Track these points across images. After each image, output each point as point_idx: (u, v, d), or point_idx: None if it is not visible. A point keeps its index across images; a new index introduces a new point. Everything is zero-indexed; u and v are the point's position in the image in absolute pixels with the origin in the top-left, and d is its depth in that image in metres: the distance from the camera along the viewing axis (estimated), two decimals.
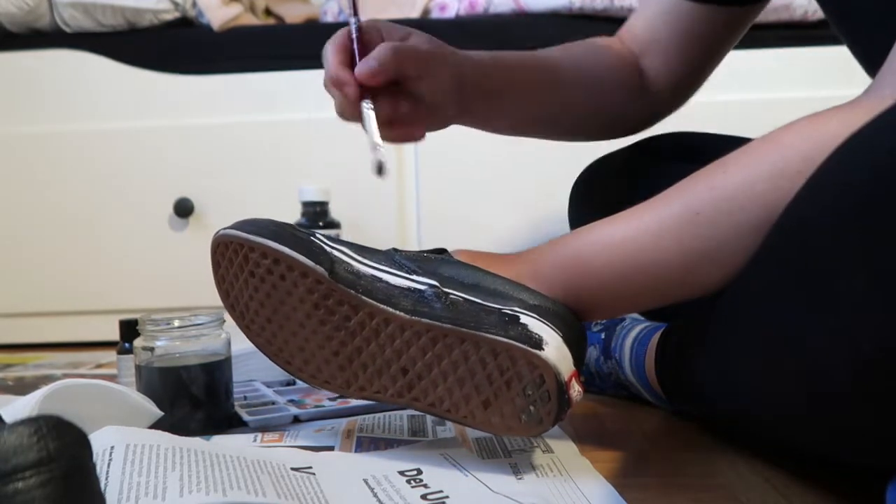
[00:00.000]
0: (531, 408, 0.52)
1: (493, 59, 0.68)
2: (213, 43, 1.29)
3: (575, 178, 0.90)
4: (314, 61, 1.28)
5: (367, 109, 0.60)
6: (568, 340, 0.52)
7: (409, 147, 1.27)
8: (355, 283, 0.54)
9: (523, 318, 0.52)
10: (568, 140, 0.81)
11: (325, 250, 0.55)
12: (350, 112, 0.62)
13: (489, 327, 0.51)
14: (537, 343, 0.51)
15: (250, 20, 1.36)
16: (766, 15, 1.23)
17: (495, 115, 0.70)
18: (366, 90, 0.61)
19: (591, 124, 0.77)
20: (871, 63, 0.58)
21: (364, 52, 0.62)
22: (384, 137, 0.59)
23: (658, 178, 0.59)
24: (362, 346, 0.55)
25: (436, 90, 0.63)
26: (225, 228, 0.57)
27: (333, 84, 0.61)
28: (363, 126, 0.60)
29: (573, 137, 0.80)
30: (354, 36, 0.62)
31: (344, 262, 0.55)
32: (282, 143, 1.28)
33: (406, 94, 0.63)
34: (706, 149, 0.62)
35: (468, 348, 0.52)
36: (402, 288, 0.54)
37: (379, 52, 0.60)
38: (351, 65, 0.61)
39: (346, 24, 0.89)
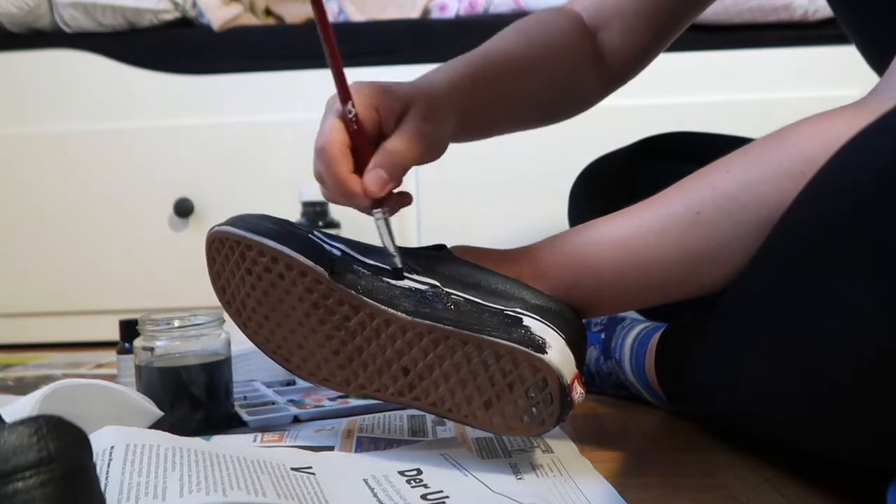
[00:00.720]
0: (533, 409, 0.52)
1: (474, 86, 0.63)
2: (213, 43, 1.29)
3: (575, 178, 0.90)
4: (314, 61, 1.29)
5: (380, 220, 0.55)
6: (570, 342, 0.52)
7: None
8: (355, 283, 0.54)
9: (526, 321, 0.52)
10: (524, 129, 0.76)
11: (324, 249, 0.55)
12: (365, 211, 0.56)
13: (492, 329, 0.51)
14: (540, 346, 0.50)
15: (250, 20, 1.36)
16: (766, 15, 1.24)
17: (475, 137, 0.69)
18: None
19: (546, 112, 0.74)
20: (879, 59, 0.58)
21: (365, 147, 0.54)
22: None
23: (658, 178, 0.59)
24: (363, 345, 0.55)
25: (440, 151, 0.59)
26: (220, 224, 0.56)
27: (343, 198, 0.55)
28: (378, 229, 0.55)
29: (524, 128, 0.76)
30: (351, 130, 0.54)
31: (344, 260, 0.55)
32: (282, 143, 1.28)
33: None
34: (706, 149, 0.62)
35: (470, 350, 0.52)
36: (403, 288, 0.54)
37: (385, 159, 0.54)
38: (356, 166, 0.54)
39: (345, 24, 0.89)
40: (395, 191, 0.57)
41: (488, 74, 0.65)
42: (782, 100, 1.22)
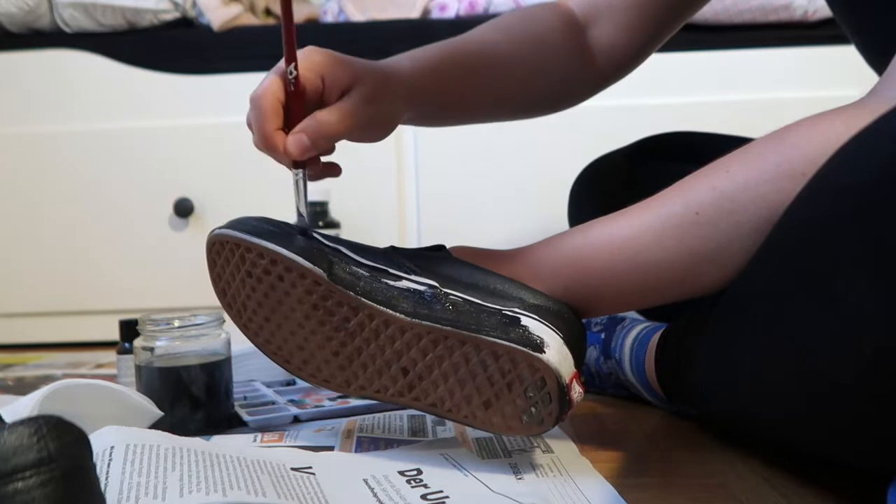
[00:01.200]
0: (532, 409, 0.52)
1: (434, 72, 0.63)
2: (213, 43, 1.29)
3: (575, 177, 0.90)
4: None
5: (298, 179, 0.56)
6: (569, 341, 0.52)
7: (408, 147, 1.27)
8: (354, 285, 0.54)
9: (524, 320, 0.52)
10: (507, 120, 0.77)
11: (323, 250, 0.55)
12: (289, 167, 0.57)
13: (490, 329, 0.51)
14: (538, 346, 0.50)
15: (250, 20, 1.36)
16: (766, 15, 1.24)
17: (439, 121, 0.69)
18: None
19: (532, 105, 0.74)
20: (878, 59, 0.58)
21: (298, 110, 0.54)
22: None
23: (658, 178, 0.59)
24: (362, 346, 0.55)
25: (383, 137, 0.59)
26: (220, 227, 0.56)
27: (266, 150, 0.56)
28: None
29: (514, 118, 0.76)
30: (288, 90, 0.55)
31: (342, 262, 0.55)
32: None
33: None
34: (706, 149, 0.62)
35: (469, 350, 0.52)
36: (402, 289, 0.54)
37: (310, 127, 0.54)
38: (286, 123, 0.55)
39: (345, 24, 0.89)
40: (325, 160, 0.58)
41: (458, 64, 0.65)
42: (782, 100, 1.22)
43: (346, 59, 0.58)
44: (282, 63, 0.56)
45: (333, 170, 0.60)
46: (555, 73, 0.71)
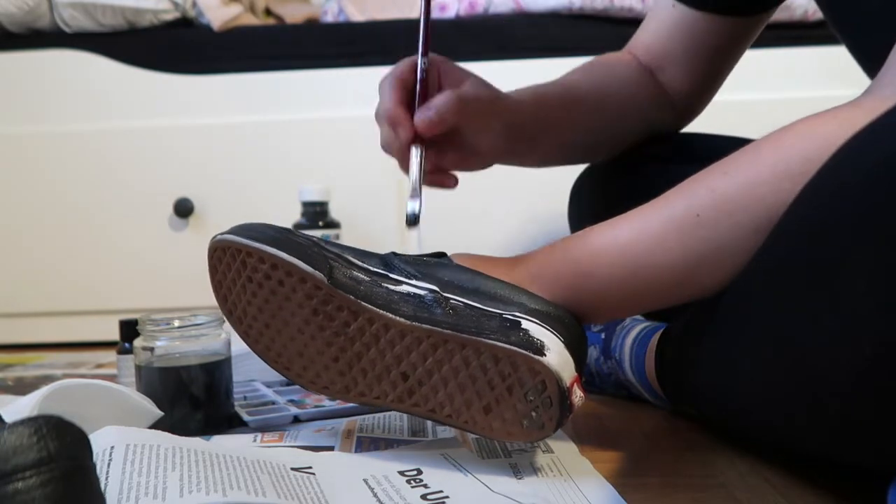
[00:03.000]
0: (533, 413, 0.52)
1: (535, 100, 0.69)
2: (213, 43, 1.29)
3: (575, 179, 0.90)
4: (314, 61, 1.29)
5: (416, 157, 0.59)
6: (569, 345, 0.52)
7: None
8: (354, 289, 0.54)
9: (524, 324, 0.52)
10: (590, 160, 0.83)
11: (323, 255, 0.55)
12: (397, 150, 0.62)
13: (490, 333, 0.51)
14: (539, 349, 0.50)
15: (250, 20, 1.36)
16: None
17: (533, 154, 0.73)
18: (418, 134, 0.61)
19: (614, 144, 0.79)
20: (871, 62, 0.58)
21: (424, 93, 0.60)
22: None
23: (658, 179, 0.59)
24: (362, 351, 0.55)
25: (488, 142, 0.64)
26: (221, 234, 0.57)
27: (389, 121, 0.61)
28: (406, 168, 0.61)
29: (604, 157, 0.82)
30: (420, 77, 0.62)
31: (343, 266, 0.55)
32: (282, 143, 1.28)
33: (455, 141, 0.64)
34: (706, 149, 0.62)
35: (469, 354, 0.52)
36: (402, 293, 0.54)
37: (441, 102, 0.60)
38: (409, 103, 0.60)
39: (345, 24, 0.89)
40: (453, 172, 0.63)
41: (556, 96, 0.71)
42: (782, 100, 1.22)
43: (455, 64, 0.67)
44: (406, 58, 0.64)
45: (449, 179, 0.66)
46: (637, 109, 0.77)
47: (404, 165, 0.63)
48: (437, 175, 0.65)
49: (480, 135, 0.62)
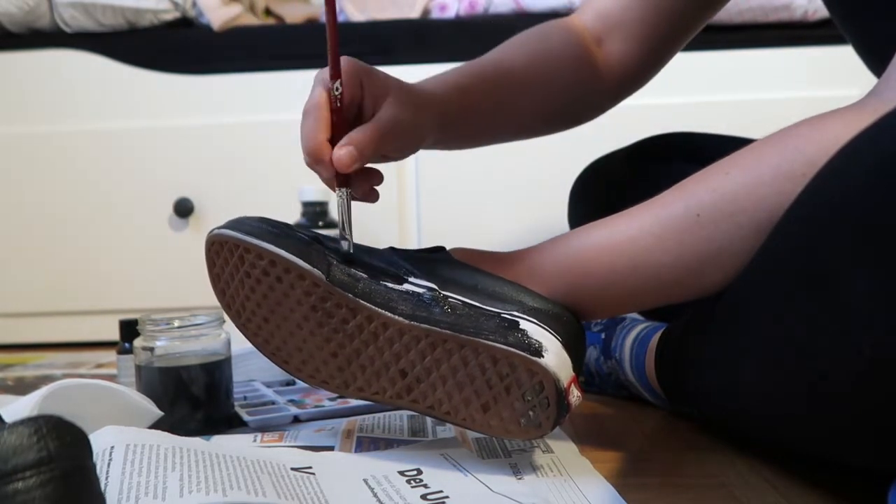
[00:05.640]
0: (530, 412, 0.52)
1: (460, 91, 0.64)
2: (213, 43, 1.29)
3: (575, 178, 0.90)
4: (314, 61, 1.28)
5: (342, 198, 0.55)
6: (567, 345, 0.52)
7: None
8: (353, 287, 0.54)
9: (523, 324, 0.52)
10: (529, 137, 0.77)
11: (322, 252, 0.55)
12: (331, 186, 0.57)
13: (488, 333, 0.51)
14: (537, 350, 0.50)
15: (250, 20, 1.36)
16: (766, 15, 1.24)
17: (464, 143, 0.69)
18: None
19: (551, 120, 0.75)
20: (877, 61, 0.58)
21: (342, 125, 0.55)
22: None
23: (658, 178, 0.59)
24: (361, 348, 0.55)
25: (414, 149, 0.60)
26: (219, 228, 0.56)
27: (311, 159, 0.55)
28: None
29: (530, 136, 0.76)
30: (334, 107, 0.55)
31: (341, 263, 0.55)
32: (282, 143, 1.27)
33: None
34: (706, 149, 0.62)
35: (467, 354, 0.52)
36: (401, 291, 0.54)
37: (359, 138, 0.54)
38: (333, 137, 0.55)
39: (345, 24, 0.88)
40: (367, 166, 0.57)
41: (480, 84, 0.66)
42: (782, 100, 1.22)
43: (379, 70, 0.59)
44: (323, 74, 0.57)
45: (374, 177, 0.59)
46: (571, 88, 0.72)
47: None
48: (363, 194, 0.59)
49: (406, 148, 0.60)
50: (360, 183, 0.57)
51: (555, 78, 0.70)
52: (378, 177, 0.59)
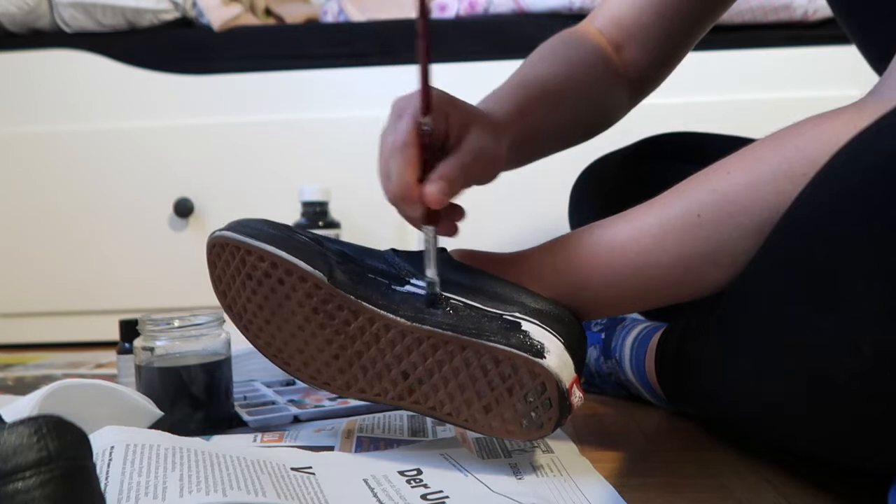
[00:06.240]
0: (532, 413, 0.52)
1: (522, 114, 0.63)
2: (213, 43, 1.29)
3: (575, 178, 0.90)
4: (314, 61, 1.29)
5: (430, 238, 0.53)
6: (569, 346, 0.52)
7: None
8: (354, 289, 0.54)
9: (524, 325, 0.52)
10: (566, 148, 0.76)
11: (323, 253, 0.55)
12: (416, 224, 0.55)
13: (490, 334, 0.51)
14: (539, 351, 0.50)
15: (250, 20, 1.36)
16: (766, 15, 1.24)
17: (522, 163, 0.69)
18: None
19: (586, 129, 0.75)
20: (879, 59, 0.58)
21: (430, 159, 0.53)
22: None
23: (658, 178, 0.59)
24: (362, 349, 0.55)
25: (495, 177, 0.59)
26: (220, 230, 0.56)
27: (401, 202, 0.53)
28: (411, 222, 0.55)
29: (571, 145, 0.76)
30: (425, 143, 0.52)
31: (343, 265, 0.55)
32: (282, 143, 1.28)
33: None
34: (707, 149, 0.62)
35: (469, 355, 0.52)
36: (403, 293, 0.54)
37: (448, 171, 0.53)
38: (420, 176, 0.53)
39: (345, 24, 0.88)
40: (451, 201, 0.55)
41: (534, 104, 0.66)
42: (782, 100, 1.22)
43: (461, 100, 0.58)
44: (408, 109, 0.53)
45: (459, 213, 0.58)
46: (605, 95, 0.73)
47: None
48: (445, 231, 0.58)
49: (490, 177, 0.59)
50: (445, 219, 0.56)
51: (592, 89, 0.72)
52: (461, 213, 0.58)
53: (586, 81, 0.71)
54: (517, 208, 1.27)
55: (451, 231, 0.58)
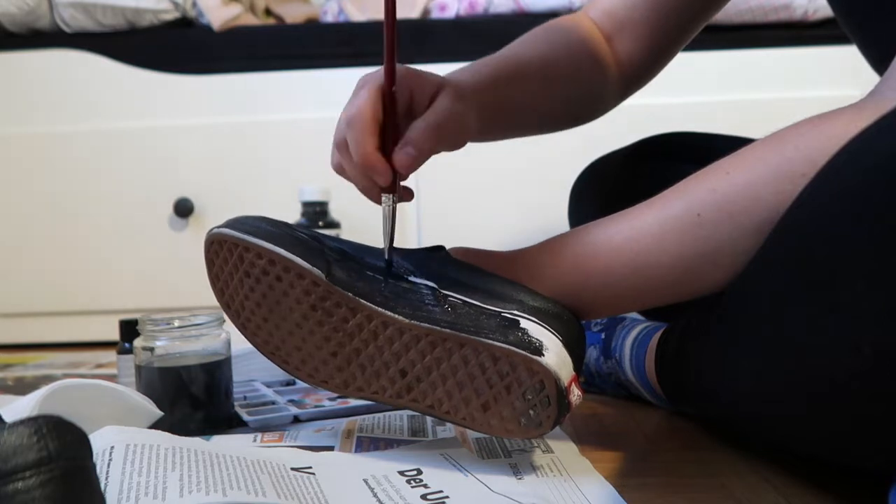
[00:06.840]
0: (531, 412, 0.52)
1: (495, 84, 0.64)
2: (213, 43, 1.30)
3: (575, 178, 0.90)
4: (314, 61, 1.29)
5: (389, 206, 0.54)
6: (568, 344, 0.52)
7: None
8: (353, 286, 0.54)
9: (523, 323, 0.52)
10: (549, 132, 0.77)
11: (322, 250, 0.55)
12: (372, 196, 0.57)
13: (489, 332, 0.51)
14: (537, 349, 0.50)
15: (250, 20, 1.36)
16: (765, 15, 1.24)
17: (498, 135, 0.69)
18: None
19: (574, 112, 0.75)
20: (879, 59, 0.58)
21: (396, 128, 0.54)
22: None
23: (658, 178, 0.59)
24: (361, 347, 0.55)
25: (464, 143, 0.60)
26: (218, 227, 0.56)
27: (366, 170, 0.54)
28: (371, 197, 0.56)
29: (555, 129, 0.77)
30: (389, 108, 0.54)
31: (342, 262, 0.55)
32: (282, 143, 1.28)
33: None
34: (707, 149, 0.62)
35: (468, 353, 0.52)
36: (401, 290, 0.54)
37: (418, 136, 0.54)
38: (382, 145, 0.54)
39: (345, 24, 0.88)
40: (402, 183, 0.57)
41: (510, 77, 0.66)
42: (782, 100, 1.22)
43: (424, 71, 0.59)
44: (369, 81, 0.55)
45: (410, 194, 0.59)
46: (592, 82, 0.73)
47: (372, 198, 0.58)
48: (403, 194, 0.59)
49: (459, 141, 0.59)
50: (402, 190, 0.57)
51: (576, 74, 0.71)
52: (411, 194, 0.59)
53: (570, 66, 0.71)
54: (516, 206, 1.27)
55: (408, 195, 0.59)
